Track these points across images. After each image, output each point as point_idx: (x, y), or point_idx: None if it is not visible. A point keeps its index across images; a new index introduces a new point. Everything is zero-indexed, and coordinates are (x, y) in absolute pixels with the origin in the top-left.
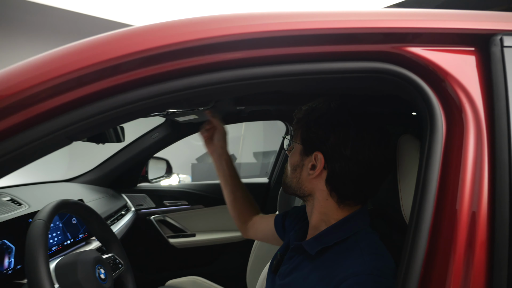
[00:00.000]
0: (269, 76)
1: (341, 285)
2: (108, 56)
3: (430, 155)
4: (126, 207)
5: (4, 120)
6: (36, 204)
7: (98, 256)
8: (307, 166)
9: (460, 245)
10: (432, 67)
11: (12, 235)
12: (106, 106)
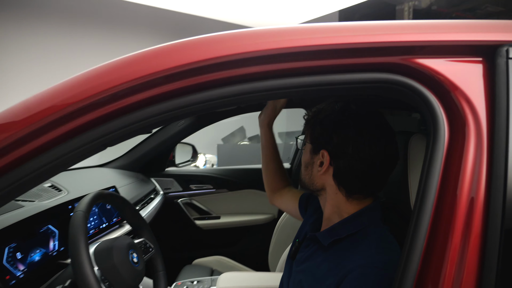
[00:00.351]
0: (294, 87)
1: (347, 276)
2: (166, 66)
3: (432, 163)
4: (155, 191)
5: (68, 124)
6: (74, 190)
7: (131, 242)
8: (316, 163)
9: (458, 232)
10: (438, 77)
11: (55, 221)
12: (163, 108)
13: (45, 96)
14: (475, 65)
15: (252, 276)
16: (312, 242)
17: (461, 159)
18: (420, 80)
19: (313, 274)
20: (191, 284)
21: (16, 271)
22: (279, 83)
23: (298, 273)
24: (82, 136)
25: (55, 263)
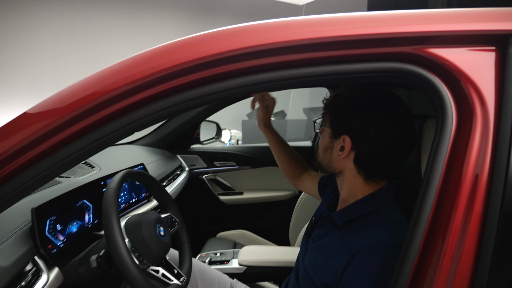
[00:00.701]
0: (314, 75)
1: (358, 253)
2: (205, 53)
3: (438, 150)
4: (181, 167)
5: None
6: (105, 167)
7: (158, 216)
8: (336, 147)
9: (459, 213)
10: (448, 67)
11: (89, 196)
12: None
13: (87, 83)
14: (488, 54)
15: (272, 250)
16: (328, 221)
17: (466, 146)
18: (431, 69)
19: (327, 251)
20: (214, 255)
21: (56, 241)
22: (300, 72)
23: (313, 249)
24: (123, 118)
25: (90, 234)
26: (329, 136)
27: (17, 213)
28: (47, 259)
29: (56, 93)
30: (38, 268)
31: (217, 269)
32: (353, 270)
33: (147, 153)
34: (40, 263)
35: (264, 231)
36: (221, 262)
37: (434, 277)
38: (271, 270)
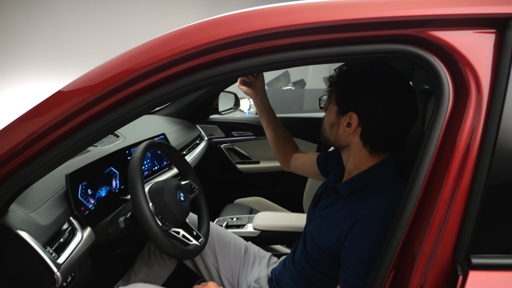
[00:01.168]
0: (325, 56)
1: (359, 220)
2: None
3: (433, 127)
4: (200, 137)
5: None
6: (129, 136)
7: (179, 183)
8: (343, 124)
9: (449, 184)
10: (448, 48)
11: (116, 163)
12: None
13: (116, 62)
14: (487, 37)
15: (285, 216)
16: (333, 192)
17: (460, 124)
18: (432, 50)
19: (332, 219)
20: (231, 220)
21: (88, 204)
22: (313, 52)
23: (319, 218)
24: (153, 92)
25: (117, 199)
26: (335, 113)
27: (53, 179)
28: (81, 219)
29: (87, 72)
30: (73, 227)
31: (233, 232)
32: (354, 234)
33: (168, 123)
34: (75, 223)
35: (279, 199)
36: (237, 226)
37: (423, 241)
38: (282, 234)
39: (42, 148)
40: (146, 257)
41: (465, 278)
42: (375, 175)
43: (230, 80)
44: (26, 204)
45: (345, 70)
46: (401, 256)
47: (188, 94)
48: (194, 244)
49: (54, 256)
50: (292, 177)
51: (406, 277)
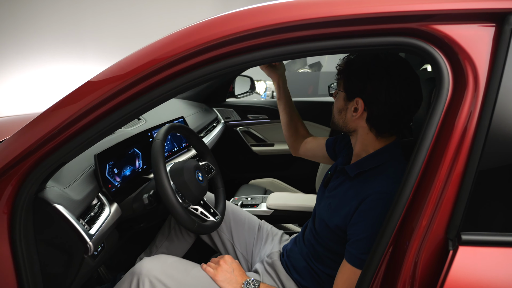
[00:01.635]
0: (334, 47)
1: (365, 199)
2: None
3: (433, 114)
4: (217, 120)
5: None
6: (150, 119)
7: (197, 164)
8: (350, 109)
9: (445, 168)
10: (449, 42)
11: (138, 144)
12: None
13: (144, 53)
14: (487, 30)
15: (297, 197)
16: (341, 173)
17: (457, 113)
18: (434, 43)
19: (340, 198)
20: (246, 199)
21: (114, 182)
22: (325, 44)
23: (328, 198)
24: (176, 80)
25: (140, 177)
26: (343, 99)
27: (83, 159)
28: (108, 196)
29: (116, 63)
30: (102, 203)
31: (248, 211)
32: (360, 212)
33: (186, 106)
34: (103, 199)
35: (292, 180)
36: (251, 206)
37: (419, 219)
38: (294, 214)
39: (76, 131)
40: (166, 232)
41: (455, 253)
42: (381, 158)
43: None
44: (61, 181)
45: (352, 58)
46: (399, 233)
47: (208, 82)
48: (211, 220)
49: (86, 227)
50: (305, 159)
51: (402, 252)
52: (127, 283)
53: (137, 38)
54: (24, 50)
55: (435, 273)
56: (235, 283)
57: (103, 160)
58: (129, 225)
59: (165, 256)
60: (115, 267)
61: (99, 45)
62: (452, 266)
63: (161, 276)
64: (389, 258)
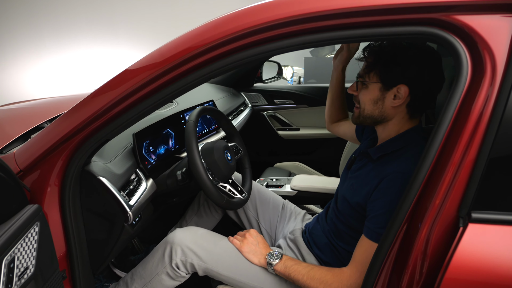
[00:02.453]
0: (363, 36)
1: (385, 178)
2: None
3: (451, 101)
4: (245, 104)
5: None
6: (182, 102)
7: (226, 145)
8: (389, 98)
9: (459, 152)
10: (469, 31)
11: (172, 126)
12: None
13: (181, 41)
14: (508, 21)
15: (320, 179)
16: (365, 156)
17: (474, 99)
18: (454, 32)
19: (362, 179)
20: (271, 180)
21: (150, 159)
22: (355, 32)
23: (351, 179)
24: (211, 65)
25: (173, 156)
26: (378, 90)
27: (123, 137)
28: (145, 172)
29: (156, 50)
30: (139, 178)
31: (273, 191)
32: (379, 190)
33: (215, 90)
34: (141, 174)
35: (317, 164)
36: (276, 186)
37: (434, 198)
38: (317, 195)
39: (118, 112)
40: (196, 208)
41: (465, 229)
42: (403, 142)
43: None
44: (104, 157)
45: (381, 49)
46: (413, 211)
47: (239, 68)
48: (238, 197)
49: (126, 199)
50: (329, 144)
51: (416, 229)
52: (161, 251)
53: (168, 21)
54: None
55: (445, 248)
56: (259, 254)
57: (140, 138)
58: (163, 199)
59: (195, 228)
60: (148, 239)
61: (131, 29)
62: (461, 242)
63: (192, 245)
64: (404, 233)
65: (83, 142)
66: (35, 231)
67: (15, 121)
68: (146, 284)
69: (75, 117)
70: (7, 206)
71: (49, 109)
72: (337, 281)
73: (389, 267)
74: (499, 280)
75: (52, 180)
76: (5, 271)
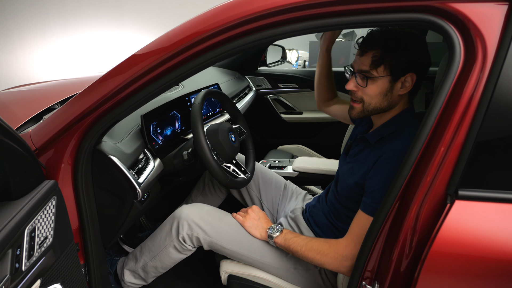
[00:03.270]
0: (361, 22)
1: (382, 156)
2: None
3: (444, 84)
4: (249, 87)
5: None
6: (187, 85)
7: (230, 126)
8: (397, 88)
9: (449, 133)
10: (463, 18)
11: (178, 108)
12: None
13: (188, 25)
14: (500, 8)
15: (321, 161)
16: (362, 141)
17: (465, 83)
18: (449, 19)
19: (362, 162)
20: (274, 162)
21: (157, 140)
22: (354, 19)
23: (350, 163)
24: (216, 49)
25: (179, 137)
26: (388, 82)
27: (132, 118)
28: (152, 152)
29: (163, 34)
30: (147, 157)
31: (275, 172)
32: (376, 168)
33: (220, 73)
34: (148, 154)
35: (318, 147)
36: (278, 168)
37: (424, 176)
38: (318, 176)
39: (127, 94)
40: (201, 188)
41: (451, 205)
42: (399, 123)
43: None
44: (114, 137)
45: (384, 43)
46: (406, 187)
47: (243, 52)
48: (241, 177)
49: (136, 177)
50: (332, 128)
51: (407, 205)
52: (169, 225)
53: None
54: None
55: (433, 224)
56: (261, 228)
57: (148, 120)
58: (169, 178)
59: (201, 204)
60: (155, 218)
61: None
62: (448, 217)
63: (198, 220)
64: (397, 208)
65: (94, 122)
66: (53, 205)
67: (26, 103)
68: (154, 256)
69: (87, 99)
70: (27, 181)
71: (60, 91)
72: (333, 251)
73: (382, 241)
74: (480, 252)
75: (65, 158)
76: (27, 238)
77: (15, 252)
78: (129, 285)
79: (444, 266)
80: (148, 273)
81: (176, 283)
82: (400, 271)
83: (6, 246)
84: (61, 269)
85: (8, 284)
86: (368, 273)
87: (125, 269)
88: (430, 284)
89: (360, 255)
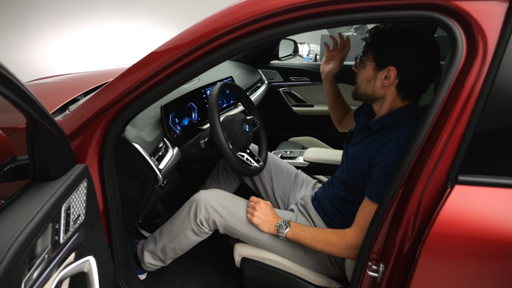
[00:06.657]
0: (368, 19)
1: (386, 144)
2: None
3: (446, 77)
4: (261, 80)
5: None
6: (203, 78)
7: (244, 117)
8: (380, 77)
9: (450, 125)
10: (465, 15)
11: (194, 99)
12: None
13: (207, 23)
14: (501, 6)
15: (331, 152)
16: (364, 129)
17: (466, 77)
18: (453, 16)
19: (365, 150)
20: (285, 153)
21: (176, 129)
22: (361, 16)
23: (353, 150)
24: (233, 44)
25: (195, 127)
26: (372, 69)
27: (152, 109)
28: (171, 141)
29: (184, 31)
30: (167, 146)
31: (287, 162)
32: (381, 155)
33: (234, 67)
34: (168, 143)
35: (330, 139)
36: (289, 158)
37: (427, 163)
38: (327, 166)
39: (149, 86)
40: (215, 176)
41: (451, 190)
42: (401, 115)
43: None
44: (136, 126)
45: (379, 31)
46: (410, 174)
47: (257, 47)
48: (255, 166)
49: (156, 163)
50: None
51: (410, 191)
52: (187, 209)
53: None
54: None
55: (434, 208)
56: (269, 225)
57: (167, 110)
58: (187, 166)
59: (218, 190)
60: (171, 204)
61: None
62: (448, 201)
63: (214, 204)
64: (400, 195)
65: (119, 112)
66: (84, 186)
67: (51, 94)
68: (173, 239)
69: (112, 91)
70: (63, 164)
71: (82, 83)
72: (342, 242)
73: (387, 225)
74: (477, 234)
75: (92, 145)
76: (64, 215)
77: (54, 226)
78: (149, 266)
79: (443, 246)
80: (167, 254)
81: (192, 266)
82: (403, 252)
83: (48, 220)
84: (92, 245)
85: (50, 253)
86: (374, 255)
87: (145, 250)
88: (429, 263)
89: (366, 239)
